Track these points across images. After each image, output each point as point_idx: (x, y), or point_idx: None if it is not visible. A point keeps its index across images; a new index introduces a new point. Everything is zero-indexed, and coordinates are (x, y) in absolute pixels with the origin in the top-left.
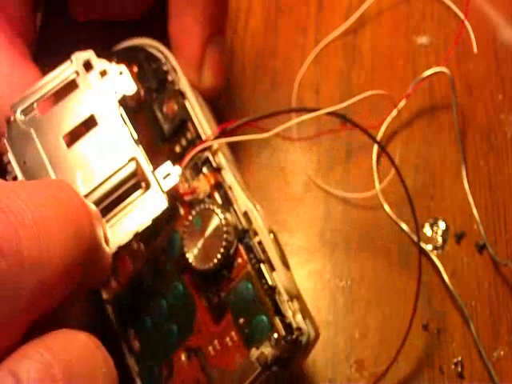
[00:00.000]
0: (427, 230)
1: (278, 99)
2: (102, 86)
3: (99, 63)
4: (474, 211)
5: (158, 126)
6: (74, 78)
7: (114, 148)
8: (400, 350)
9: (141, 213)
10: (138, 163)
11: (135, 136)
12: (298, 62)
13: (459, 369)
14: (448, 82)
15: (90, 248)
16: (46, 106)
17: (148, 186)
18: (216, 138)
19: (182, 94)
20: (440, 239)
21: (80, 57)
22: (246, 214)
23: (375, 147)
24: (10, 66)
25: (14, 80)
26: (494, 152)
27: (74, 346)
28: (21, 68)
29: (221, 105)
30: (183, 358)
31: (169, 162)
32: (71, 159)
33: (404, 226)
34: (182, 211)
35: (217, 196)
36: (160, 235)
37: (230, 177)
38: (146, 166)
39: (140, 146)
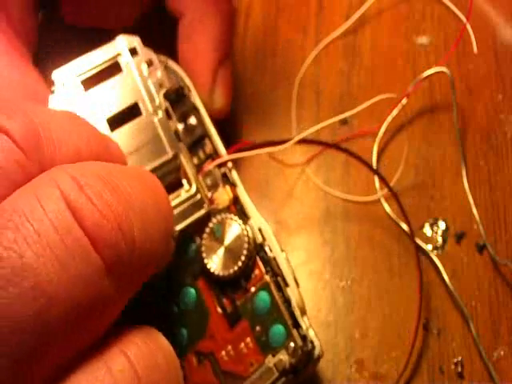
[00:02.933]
0: (427, 230)
1: (278, 99)
2: (148, 75)
3: (145, 51)
4: (474, 211)
5: (177, 138)
6: (118, 59)
7: (157, 142)
8: (411, 352)
9: (181, 213)
10: (180, 161)
11: (180, 133)
12: (298, 62)
13: (459, 369)
14: (448, 82)
15: (171, 235)
16: (91, 80)
17: (190, 185)
18: (232, 153)
19: (197, 111)
20: (440, 239)
21: (126, 41)
22: (260, 231)
23: (375, 148)
24: (10, 69)
25: (13, 83)
26: (494, 152)
27: (166, 346)
28: (20, 71)
29: None
30: (194, 361)
31: (211, 167)
32: None
33: (404, 226)
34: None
35: (234, 209)
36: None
37: (244, 195)
38: (190, 166)
39: (183, 143)
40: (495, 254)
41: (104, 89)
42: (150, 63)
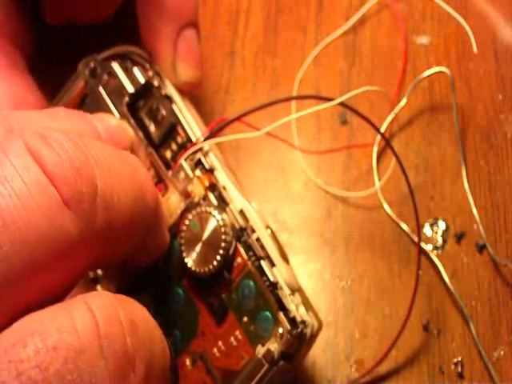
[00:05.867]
0: (427, 230)
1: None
2: (109, 90)
3: (103, 66)
4: (474, 211)
5: (146, 133)
6: (83, 87)
7: None
8: (394, 343)
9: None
10: (153, 166)
11: (145, 140)
12: (298, 62)
13: (459, 369)
14: (448, 82)
15: (151, 217)
16: None
17: (167, 188)
18: (207, 138)
19: (168, 99)
20: (440, 239)
21: (85, 64)
22: (241, 212)
23: (375, 148)
24: None
25: (0, 94)
26: (494, 152)
27: (139, 312)
28: (9, 80)
29: (220, 105)
30: (188, 362)
31: (182, 161)
32: None
33: (404, 226)
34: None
35: (212, 197)
36: None
37: (223, 176)
38: (161, 170)
39: (152, 149)
40: (495, 254)
41: None
42: (110, 75)
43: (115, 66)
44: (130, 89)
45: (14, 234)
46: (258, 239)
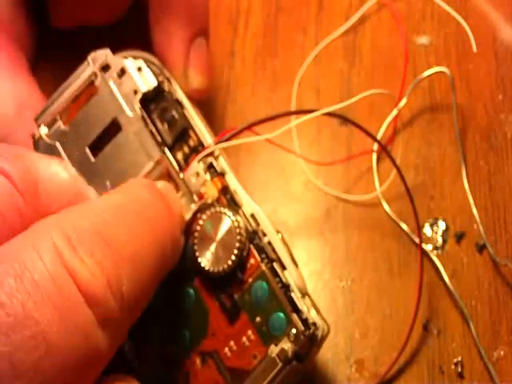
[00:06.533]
0: (427, 230)
1: (277, 99)
2: (121, 86)
3: (116, 62)
4: (474, 211)
5: (158, 135)
6: (92, 80)
7: (140, 152)
8: (403, 350)
9: None
10: (164, 165)
11: (158, 138)
12: (298, 62)
13: (459, 369)
14: (448, 82)
15: (172, 258)
16: (71, 111)
17: (178, 188)
18: (218, 143)
19: (179, 104)
20: (440, 239)
21: (96, 57)
22: (252, 216)
23: (375, 147)
24: (2, 80)
25: (5, 95)
26: (494, 152)
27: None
28: (13, 81)
29: (220, 105)
30: (198, 362)
31: (195, 163)
32: (99, 169)
33: (404, 226)
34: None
35: (224, 200)
36: None
37: (233, 181)
38: (172, 169)
39: (165, 147)
40: (495, 254)
41: (83, 116)
42: (123, 72)
43: (128, 63)
44: (143, 88)
45: (56, 358)
46: (269, 243)
